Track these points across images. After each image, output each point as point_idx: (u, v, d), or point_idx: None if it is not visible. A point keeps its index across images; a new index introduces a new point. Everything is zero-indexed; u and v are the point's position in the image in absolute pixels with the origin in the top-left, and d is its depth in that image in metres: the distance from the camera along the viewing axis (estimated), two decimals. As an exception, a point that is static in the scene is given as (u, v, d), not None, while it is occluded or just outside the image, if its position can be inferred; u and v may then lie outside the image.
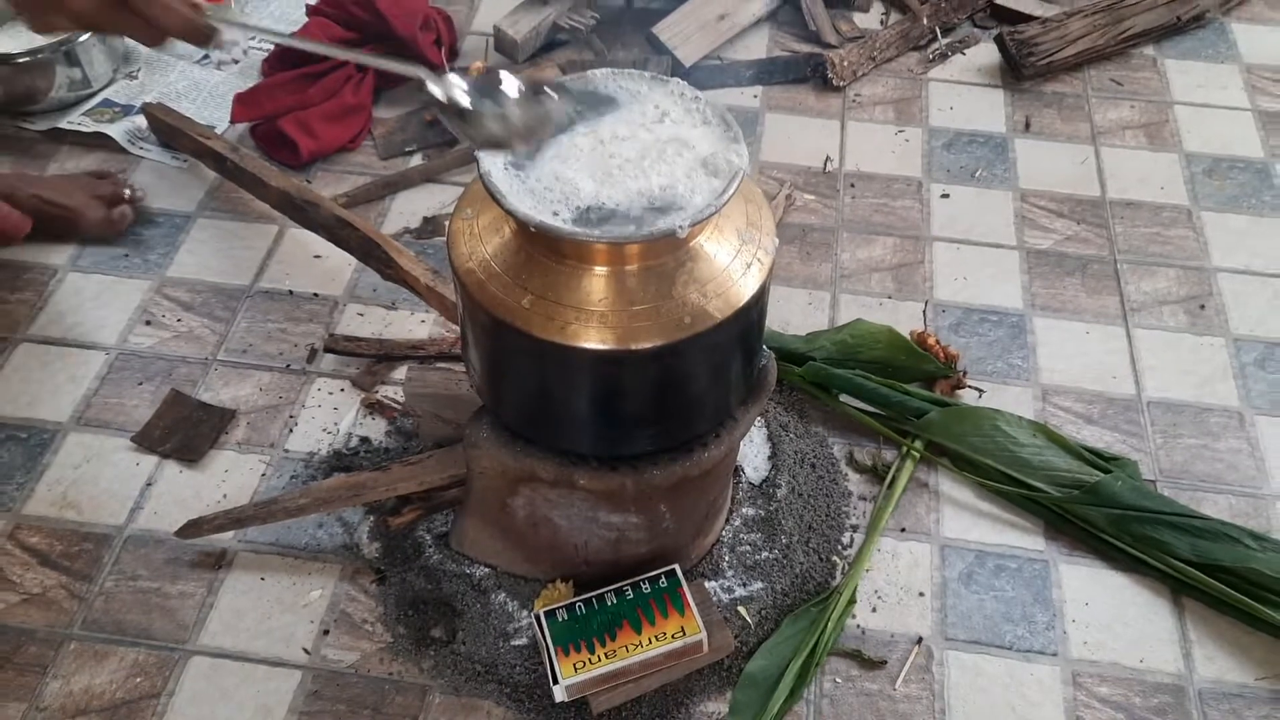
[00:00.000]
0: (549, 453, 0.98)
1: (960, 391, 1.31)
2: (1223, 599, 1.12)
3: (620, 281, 0.87)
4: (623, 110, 0.91)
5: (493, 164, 0.86)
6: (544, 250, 0.88)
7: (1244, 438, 1.28)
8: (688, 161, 0.87)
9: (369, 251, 1.29)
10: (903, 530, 1.19)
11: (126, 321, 1.35)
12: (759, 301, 0.93)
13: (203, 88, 1.64)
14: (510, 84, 0.86)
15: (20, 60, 1.51)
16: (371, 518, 1.17)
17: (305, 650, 1.08)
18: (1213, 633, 1.12)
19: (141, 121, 1.56)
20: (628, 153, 0.87)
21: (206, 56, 1.67)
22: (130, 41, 1.67)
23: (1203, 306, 1.41)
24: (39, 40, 1.56)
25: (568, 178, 0.86)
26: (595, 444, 0.97)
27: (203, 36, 0.84)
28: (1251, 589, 1.11)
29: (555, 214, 0.84)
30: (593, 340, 0.86)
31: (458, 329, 1.29)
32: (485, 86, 0.85)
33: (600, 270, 0.87)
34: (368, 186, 1.51)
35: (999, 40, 1.70)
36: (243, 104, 1.55)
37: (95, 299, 1.38)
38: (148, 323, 1.35)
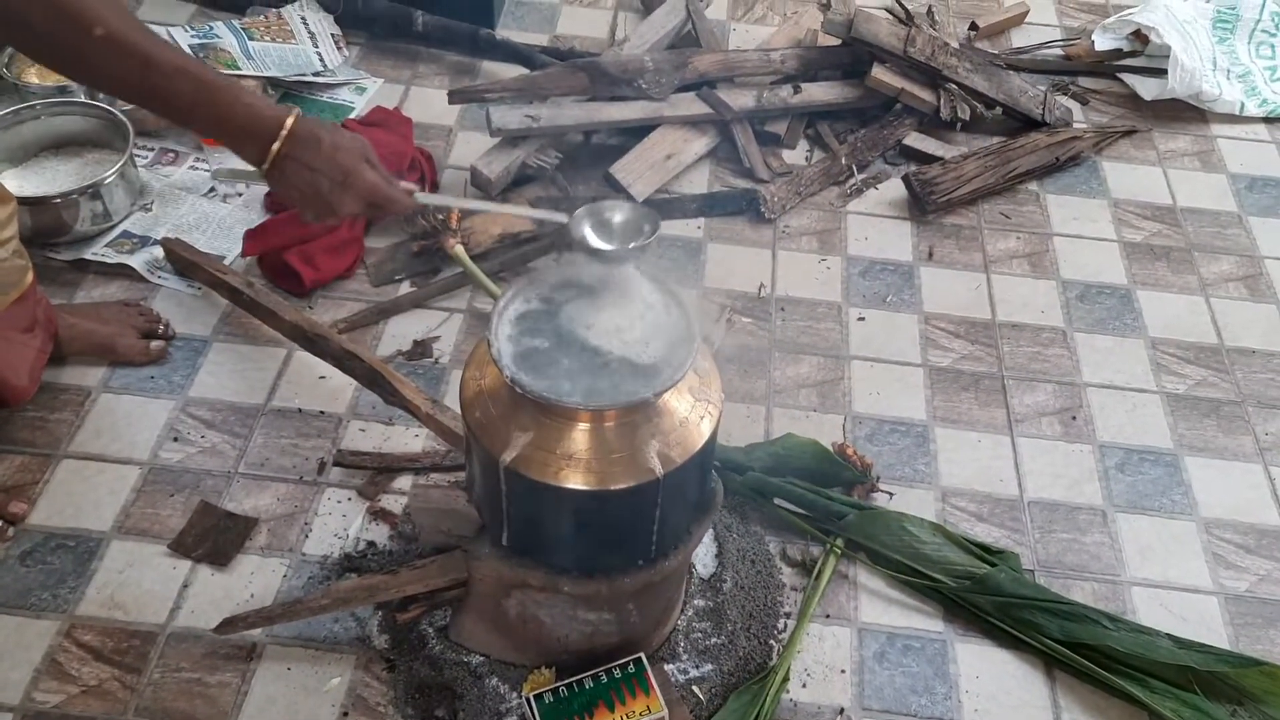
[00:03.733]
0: (538, 565, 1.21)
1: (874, 495, 1.55)
2: (1086, 671, 1.37)
3: (600, 435, 1.10)
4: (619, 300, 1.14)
5: (500, 342, 1.09)
6: (539, 408, 1.10)
7: (1106, 532, 1.54)
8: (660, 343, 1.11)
9: (374, 380, 1.50)
10: (827, 616, 1.43)
11: (156, 438, 1.55)
12: (710, 444, 1.17)
13: (211, 219, 1.83)
14: (611, 211, 1.14)
15: (54, 200, 1.70)
16: (381, 613, 1.38)
17: (329, 730, 1.28)
18: (1078, 699, 1.37)
19: (159, 252, 1.75)
20: (614, 336, 1.11)
21: (213, 189, 1.88)
22: (145, 176, 1.87)
23: (1074, 417, 1.69)
24: (68, 183, 1.76)
25: (558, 356, 1.10)
26: (577, 559, 1.20)
27: (416, 211, 1.19)
28: (1108, 663, 1.37)
29: (542, 377, 1.07)
30: (578, 482, 1.09)
31: (448, 445, 1.51)
32: (598, 215, 1.13)
33: (584, 426, 1.10)
34: (364, 313, 1.72)
35: (905, 180, 1.98)
36: (252, 239, 1.75)
37: (127, 417, 1.57)
38: (175, 439, 1.55)
